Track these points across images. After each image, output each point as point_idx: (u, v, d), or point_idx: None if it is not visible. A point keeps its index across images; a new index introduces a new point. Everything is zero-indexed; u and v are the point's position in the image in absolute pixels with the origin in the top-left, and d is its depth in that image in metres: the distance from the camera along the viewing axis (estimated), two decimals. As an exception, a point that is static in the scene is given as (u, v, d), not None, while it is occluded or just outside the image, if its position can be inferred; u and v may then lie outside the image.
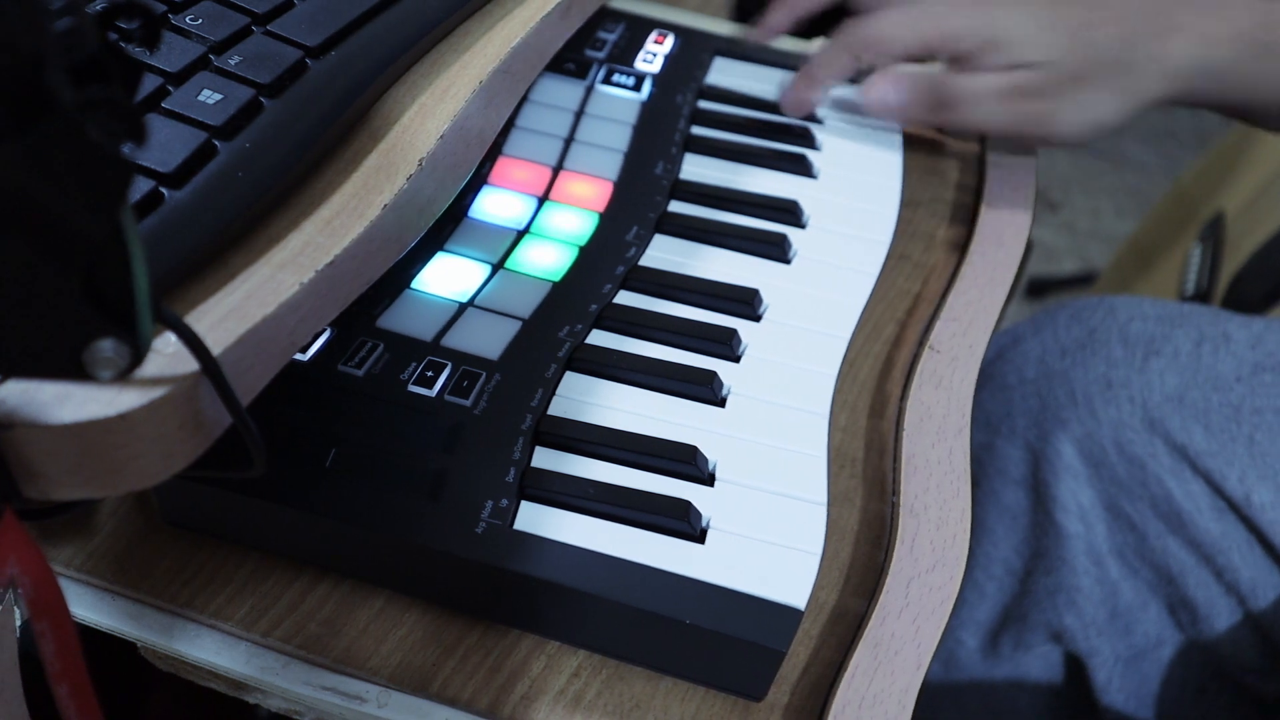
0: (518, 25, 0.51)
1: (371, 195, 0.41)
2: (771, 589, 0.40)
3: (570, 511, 0.42)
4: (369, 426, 0.44)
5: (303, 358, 0.46)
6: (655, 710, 0.41)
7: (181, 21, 0.43)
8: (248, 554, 0.44)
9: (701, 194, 0.59)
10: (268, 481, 0.40)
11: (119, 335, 0.30)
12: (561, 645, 0.42)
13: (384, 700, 0.41)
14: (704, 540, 0.42)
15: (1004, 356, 0.78)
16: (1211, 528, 0.71)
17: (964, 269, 0.59)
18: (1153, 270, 1.45)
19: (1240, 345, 0.72)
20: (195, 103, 0.40)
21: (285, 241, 0.38)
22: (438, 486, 0.42)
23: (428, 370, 0.46)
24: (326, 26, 0.44)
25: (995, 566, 0.79)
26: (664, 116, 0.64)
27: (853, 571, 0.46)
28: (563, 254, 0.53)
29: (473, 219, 0.54)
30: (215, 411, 0.34)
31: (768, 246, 0.56)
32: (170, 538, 0.44)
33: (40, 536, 0.43)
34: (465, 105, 0.46)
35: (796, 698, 0.42)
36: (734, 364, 0.50)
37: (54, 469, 0.31)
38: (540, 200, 0.56)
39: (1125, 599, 0.75)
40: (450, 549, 0.40)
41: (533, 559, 0.40)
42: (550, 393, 0.47)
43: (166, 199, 0.37)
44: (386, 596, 0.43)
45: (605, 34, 0.68)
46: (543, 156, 0.59)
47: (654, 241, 0.55)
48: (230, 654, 0.41)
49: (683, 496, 0.43)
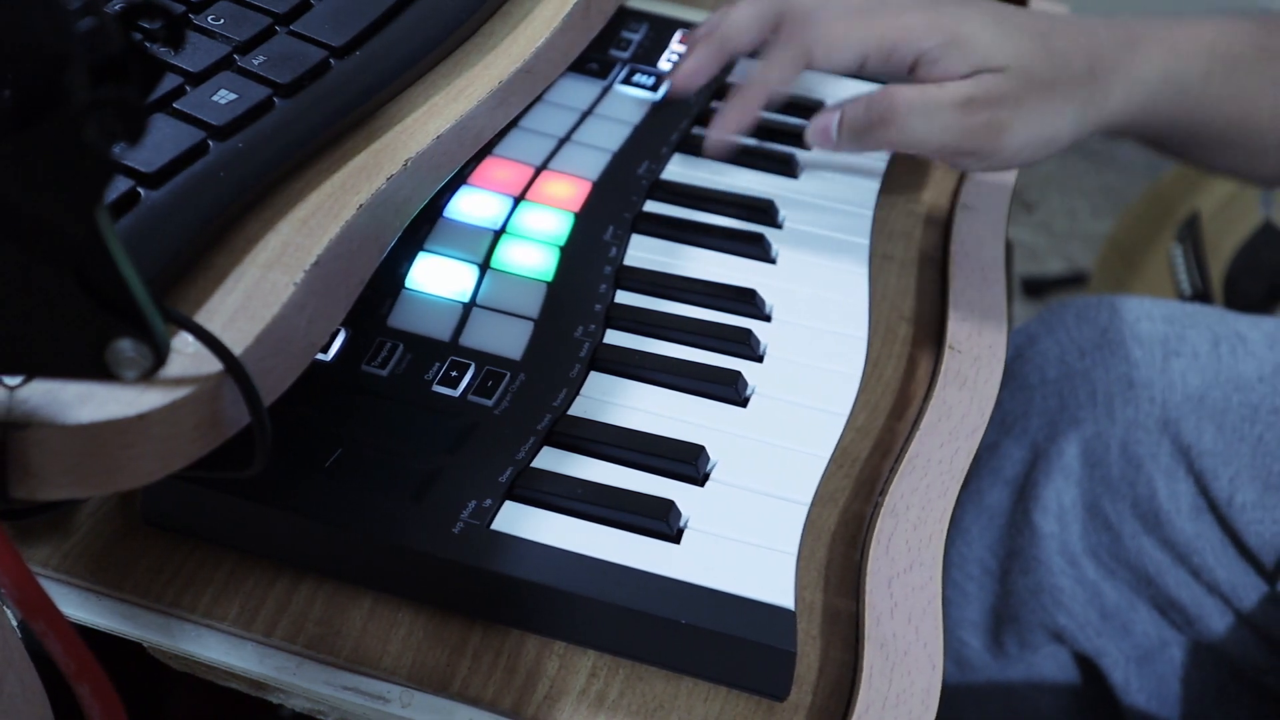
0: (541, 25, 0.51)
1: (348, 195, 0.41)
2: (752, 588, 0.40)
3: (553, 512, 0.42)
4: (379, 427, 0.44)
5: (324, 358, 0.46)
6: (679, 710, 0.41)
7: (204, 21, 0.43)
8: (224, 554, 0.43)
9: (678, 194, 0.59)
10: (254, 482, 0.40)
11: (134, 334, 0.30)
12: (570, 645, 0.42)
13: (407, 700, 0.40)
14: (679, 540, 0.42)
15: (1023, 355, 0.77)
16: (1186, 527, 0.70)
17: (952, 268, 0.59)
18: (1138, 270, 1.46)
19: (1258, 345, 0.72)
20: (207, 103, 0.40)
21: (264, 241, 0.38)
22: (425, 487, 0.42)
23: (452, 370, 0.46)
24: (350, 26, 0.44)
25: (971, 566, 0.78)
26: (670, 116, 0.64)
27: (831, 571, 0.46)
28: (545, 254, 0.53)
29: (448, 219, 0.54)
30: (235, 411, 0.35)
31: (748, 246, 0.56)
32: (147, 538, 0.43)
33: (15, 536, 0.43)
34: (475, 105, 0.46)
35: (819, 698, 0.42)
36: (757, 364, 0.50)
37: (51, 469, 0.31)
38: (516, 200, 0.56)
39: (1110, 599, 0.74)
40: (426, 549, 0.41)
41: (505, 558, 0.41)
42: (574, 393, 0.47)
43: (143, 199, 0.37)
44: (373, 596, 0.43)
45: (629, 34, 0.68)
46: (529, 156, 0.59)
47: (632, 241, 0.55)
48: (239, 654, 0.41)
49: (669, 496, 0.43)
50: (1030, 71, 0.55)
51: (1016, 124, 0.55)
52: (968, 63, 0.56)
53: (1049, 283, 1.89)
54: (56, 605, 0.31)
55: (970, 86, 0.55)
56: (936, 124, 0.55)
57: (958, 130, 0.55)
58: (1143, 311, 0.75)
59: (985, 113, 0.55)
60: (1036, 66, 0.55)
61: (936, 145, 0.56)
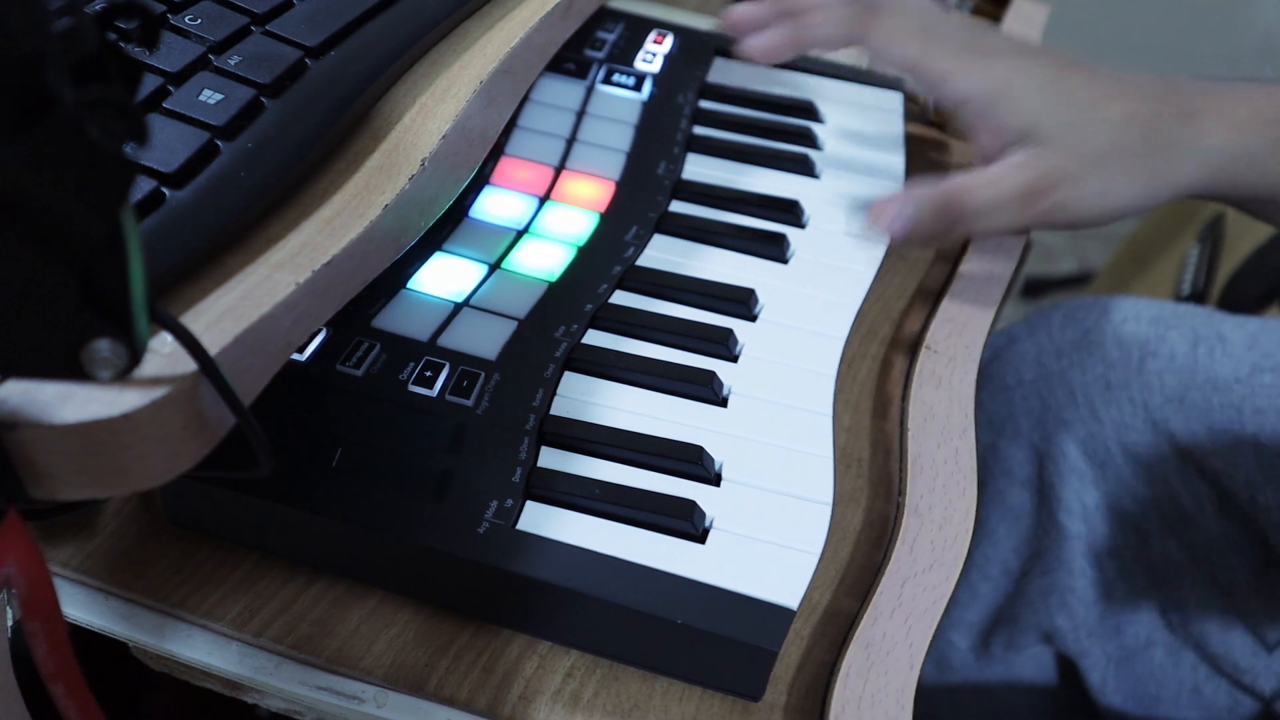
0: (517, 25, 0.51)
1: (373, 195, 0.41)
2: (765, 589, 0.40)
3: (575, 512, 0.42)
4: (373, 427, 0.44)
5: (300, 358, 0.46)
6: (655, 710, 0.41)
7: (181, 21, 0.43)
8: (246, 555, 0.44)
9: (703, 194, 0.59)
10: (274, 482, 0.41)
11: (115, 335, 0.30)
12: (554, 646, 0.42)
13: (382, 700, 0.41)
14: (705, 540, 0.42)
15: (1000, 358, 0.78)
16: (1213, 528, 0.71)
17: (961, 269, 0.59)
18: (1150, 270, 1.45)
19: (1237, 347, 0.72)
20: (196, 103, 0.40)
21: (284, 242, 0.38)
22: (443, 487, 0.42)
23: (426, 370, 0.46)
24: (326, 27, 0.44)
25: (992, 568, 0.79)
26: (666, 116, 0.64)
27: (849, 572, 0.46)
28: (561, 254, 0.53)
29: (473, 219, 0.54)
30: (218, 411, 0.35)
31: (766, 246, 0.56)
32: (172, 538, 0.44)
33: (41, 536, 0.43)
34: (466, 105, 0.46)
35: (794, 698, 0.42)
36: (732, 364, 0.50)
37: (60, 469, 0.31)
38: (541, 200, 0.56)
39: (1118, 600, 0.75)
40: (453, 549, 0.40)
41: (533, 560, 0.40)
42: (551, 393, 0.47)
43: (168, 199, 0.37)
44: (380, 597, 0.43)
45: (604, 34, 0.68)
46: (545, 156, 0.59)
47: (653, 241, 0.55)
48: (221, 654, 0.41)
49: (688, 497, 0.43)
50: (1081, 146, 0.55)
51: (1080, 202, 0.56)
52: (1013, 123, 0.56)
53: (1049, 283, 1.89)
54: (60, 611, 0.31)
55: (1029, 175, 0.55)
56: (1004, 218, 0.56)
57: (1026, 219, 0.56)
58: (1130, 313, 0.75)
59: (1048, 199, 0.55)
60: (1088, 140, 0.55)
61: (1007, 231, 0.57)
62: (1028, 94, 0.56)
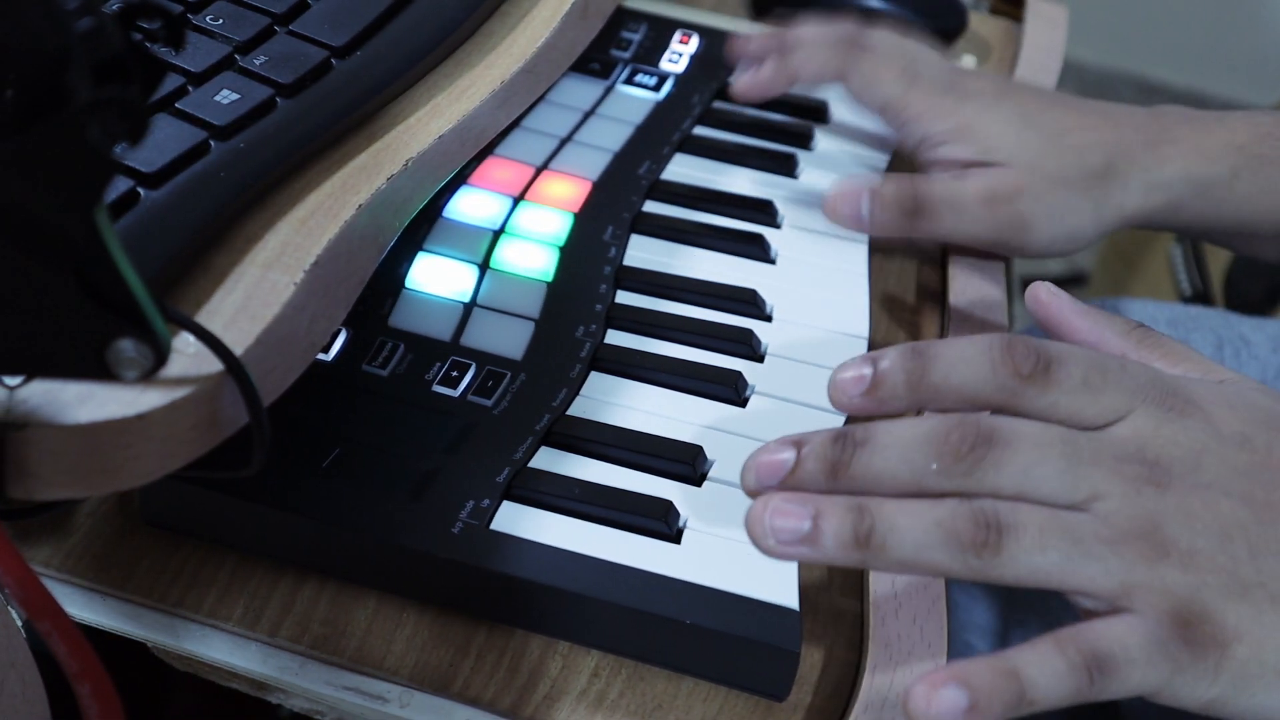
0: (540, 25, 0.51)
1: (348, 195, 0.41)
2: (754, 587, 0.40)
3: (551, 512, 0.42)
4: (377, 427, 0.44)
5: (325, 358, 0.46)
6: (678, 710, 0.41)
7: (202, 21, 0.43)
8: (225, 554, 0.43)
9: (677, 194, 0.59)
10: (253, 482, 0.40)
11: (135, 335, 0.30)
12: (575, 645, 0.42)
13: (406, 700, 0.40)
14: (679, 540, 0.42)
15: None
16: None
17: (952, 269, 0.59)
18: (1139, 271, 1.45)
19: (1261, 349, 0.71)
20: (210, 103, 0.40)
21: (264, 241, 0.38)
22: (423, 487, 0.42)
23: (453, 370, 0.46)
24: (349, 27, 0.44)
25: None
26: (673, 116, 0.64)
27: (835, 572, 0.46)
28: (544, 254, 0.53)
29: (447, 219, 0.54)
30: (234, 412, 0.35)
31: (746, 246, 0.56)
32: (148, 538, 0.43)
33: (16, 536, 0.43)
34: (478, 105, 0.46)
35: (819, 698, 0.42)
36: (758, 364, 0.50)
37: (49, 469, 0.31)
38: (515, 200, 0.55)
39: None
40: (426, 548, 0.41)
41: (506, 558, 0.41)
42: (574, 393, 0.47)
43: (143, 198, 0.37)
44: (377, 596, 0.43)
45: (629, 34, 0.68)
46: (530, 156, 0.58)
47: (631, 241, 0.55)
48: (244, 654, 0.41)
49: (667, 496, 0.43)
50: (1039, 166, 0.55)
51: (1038, 218, 0.55)
52: (968, 152, 0.57)
53: (1049, 283, 1.89)
54: (61, 606, 0.31)
55: (990, 180, 0.56)
56: (966, 217, 0.56)
57: (986, 223, 0.56)
58: (1146, 315, 0.75)
59: (1007, 206, 0.55)
60: (1046, 162, 0.56)
61: (968, 235, 0.57)
62: (993, 126, 0.56)
